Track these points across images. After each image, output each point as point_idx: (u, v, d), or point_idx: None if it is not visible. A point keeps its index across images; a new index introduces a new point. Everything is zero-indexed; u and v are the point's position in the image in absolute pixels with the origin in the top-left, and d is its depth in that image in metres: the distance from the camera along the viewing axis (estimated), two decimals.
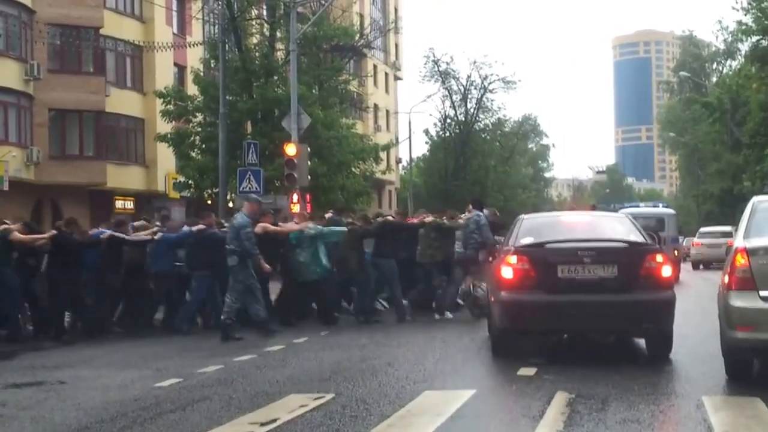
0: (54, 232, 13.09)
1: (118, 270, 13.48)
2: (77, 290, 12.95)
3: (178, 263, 13.58)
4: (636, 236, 9.38)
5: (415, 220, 15.61)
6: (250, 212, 12.75)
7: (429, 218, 14.91)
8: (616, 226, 9.92)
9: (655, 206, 27.29)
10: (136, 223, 15.08)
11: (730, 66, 59.58)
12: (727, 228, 32.38)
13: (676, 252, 24.35)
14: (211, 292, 13.20)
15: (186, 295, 13.83)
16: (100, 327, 13.07)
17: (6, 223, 12.93)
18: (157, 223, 15.29)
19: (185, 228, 13.91)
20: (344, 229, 14.38)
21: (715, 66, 65.64)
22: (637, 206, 31.78)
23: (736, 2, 37.40)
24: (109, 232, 13.68)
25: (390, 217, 15.52)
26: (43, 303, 13.09)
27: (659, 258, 8.94)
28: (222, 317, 12.18)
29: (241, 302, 12.22)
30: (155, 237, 13.64)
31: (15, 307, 12.86)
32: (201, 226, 13.53)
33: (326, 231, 14.05)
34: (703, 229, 37.20)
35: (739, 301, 7.26)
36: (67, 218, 13.92)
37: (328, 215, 15.62)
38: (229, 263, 12.14)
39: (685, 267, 34.17)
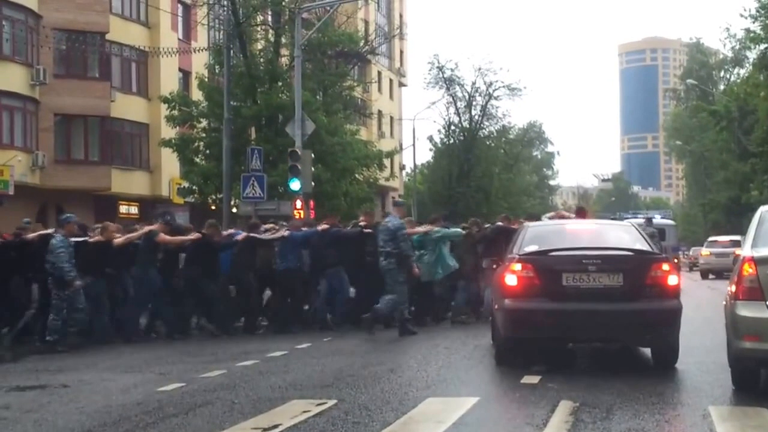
0: (198, 234, 13.80)
1: (253, 270, 13.99)
2: (215, 291, 13.44)
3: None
4: (642, 245, 9.33)
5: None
6: (400, 216, 13.61)
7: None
8: (622, 235, 9.85)
9: (650, 218, 27.75)
10: (266, 225, 15.44)
11: (738, 74, 59.46)
12: (737, 237, 32.38)
13: (675, 260, 26.41)
14: (343, 286, 14.00)
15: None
16: (226, 328, 13.43)
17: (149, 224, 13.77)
18: (283, 223, 16.14)
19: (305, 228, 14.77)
20: (462, 231, 15.10)
21: (722, 74, 65.53)
22: (636, 216, 32.65)
23: (744, 9, 37.46)
24: (243, 233, 14.41)
25: (500, 223, 15.63)
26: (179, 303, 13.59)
27: (665, 267, 8.89)
28: (397, 316, 12.71)
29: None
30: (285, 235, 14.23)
31: (160, 307, 13.35)
32: (325, 226, 14.45)
33: (450, 233, 14.69)
34: (711, 238, 37.13)
35: (747, 310, 7.21)
36: (210, 221, 14.61)
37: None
38: (386, 266, 12.59)
39: (693, 276, 34.15)
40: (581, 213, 16.09)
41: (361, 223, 15.12)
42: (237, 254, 14.02)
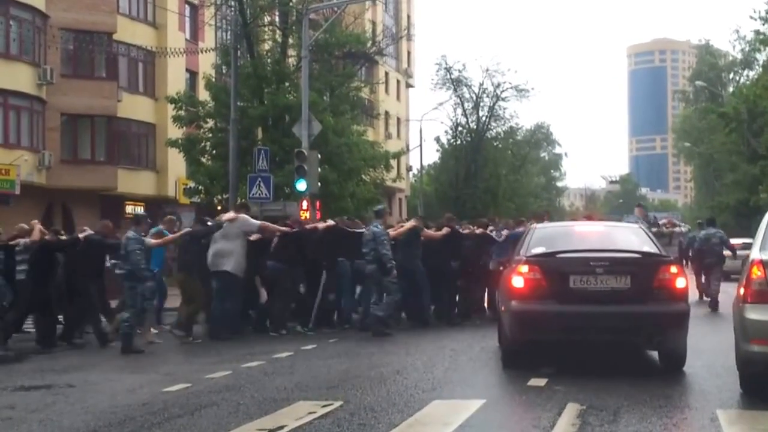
0: (286, 228, 13.96)
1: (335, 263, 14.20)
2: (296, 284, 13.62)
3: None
4: (650, 247, 9.28)
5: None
6: (381, 223, 13.96)
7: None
8: (630, 237, 9.79)
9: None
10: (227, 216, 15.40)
11: (748, 76, 59.23)
12: (748, 240, 32.26)
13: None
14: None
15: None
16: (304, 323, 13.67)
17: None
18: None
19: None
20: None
21: (731, 76, 65.27)
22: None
23: (754, 11, 37.37)
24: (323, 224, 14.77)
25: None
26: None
27: (673, 269, 8.83)
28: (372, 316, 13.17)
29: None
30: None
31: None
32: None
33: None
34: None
35: (755, 313, 7.16)
36: (294, 218, 15.17)
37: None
38: (371, 270, 13.26)
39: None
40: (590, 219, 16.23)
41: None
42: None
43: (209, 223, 13.64)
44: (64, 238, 13.55)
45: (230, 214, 13.58)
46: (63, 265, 12.87)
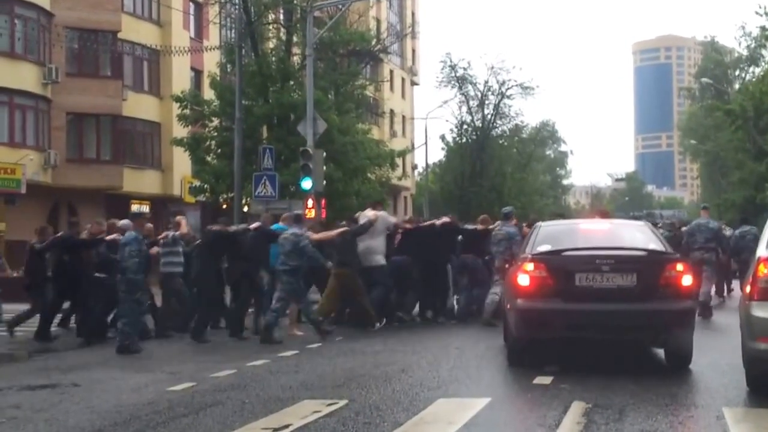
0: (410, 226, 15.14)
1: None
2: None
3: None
4: (656, 244, 9.24)
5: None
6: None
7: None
8: (636, 234, 9.76)
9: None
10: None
11: (754, 73, 58.83)
12: None
13: None
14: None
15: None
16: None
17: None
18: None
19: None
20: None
21: (737, 72, 64.95)
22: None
23: (760, 7, 37.17)
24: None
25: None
26: None
27: (679, 267, 8.81)
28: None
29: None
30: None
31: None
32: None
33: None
34: None
35: (762, 311, 7.14)
36: (411, 216, 15.35)
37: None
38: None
39: None
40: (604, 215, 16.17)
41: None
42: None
43: (363, 222, 14.36)
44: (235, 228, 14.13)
45: (372, 213, 14.44)
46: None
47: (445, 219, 15.62)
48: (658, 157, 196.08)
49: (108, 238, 12.93)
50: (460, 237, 15.10)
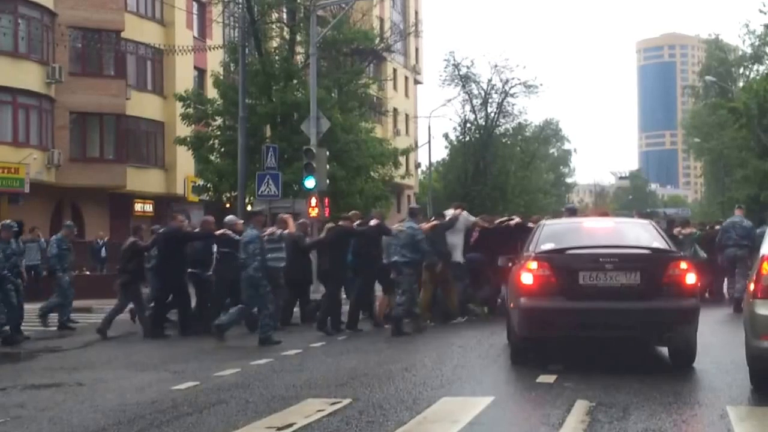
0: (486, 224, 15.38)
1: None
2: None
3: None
4: (660, 243, 9.22)
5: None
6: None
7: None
8: (640, 233, 9.73)
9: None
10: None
11: (758, 70, 58.74)
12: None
13: None
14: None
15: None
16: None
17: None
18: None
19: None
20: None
21: (741, 70, 64.81)
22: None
23: (764, 5, 37.06)
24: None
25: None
26: None
27: (683, 265, 8.79)
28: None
29: None
30: None
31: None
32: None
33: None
34: None
35: (766, 309, 7.12)
36: (484, 216, 16.06)
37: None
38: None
39: None
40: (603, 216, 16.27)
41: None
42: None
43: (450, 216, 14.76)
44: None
45: (456, 211, 14.89)
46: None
47: (517, 219, 15.95)
48: (662, 156, 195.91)
49: (218, 233, 13.48)
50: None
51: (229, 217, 14.16)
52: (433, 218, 15.73)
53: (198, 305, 13.86)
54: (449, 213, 15.04)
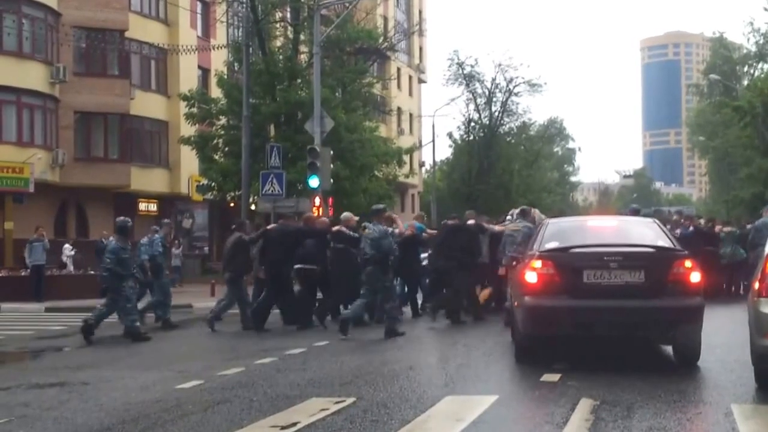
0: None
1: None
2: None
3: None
4: (664, 241, 9.19)
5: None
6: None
7: None
8: (644, 231, 9.69)
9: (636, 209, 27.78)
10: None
11: (762, 69, 58.61)
12: None
13: None
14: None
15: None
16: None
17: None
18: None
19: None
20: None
21: (746, 69, 64.67)
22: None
23: None
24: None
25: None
26: None
27: (688, 264, 8.76)
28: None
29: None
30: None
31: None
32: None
33: None
34: None
35: None
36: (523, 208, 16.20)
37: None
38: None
39: None
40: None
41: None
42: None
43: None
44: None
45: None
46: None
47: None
48: (667, 154, 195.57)
49: (334, 229, 13.75)
50: None
51: (345, 214, 14.51)
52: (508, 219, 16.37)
53: (300, 299, 13.89)
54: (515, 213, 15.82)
